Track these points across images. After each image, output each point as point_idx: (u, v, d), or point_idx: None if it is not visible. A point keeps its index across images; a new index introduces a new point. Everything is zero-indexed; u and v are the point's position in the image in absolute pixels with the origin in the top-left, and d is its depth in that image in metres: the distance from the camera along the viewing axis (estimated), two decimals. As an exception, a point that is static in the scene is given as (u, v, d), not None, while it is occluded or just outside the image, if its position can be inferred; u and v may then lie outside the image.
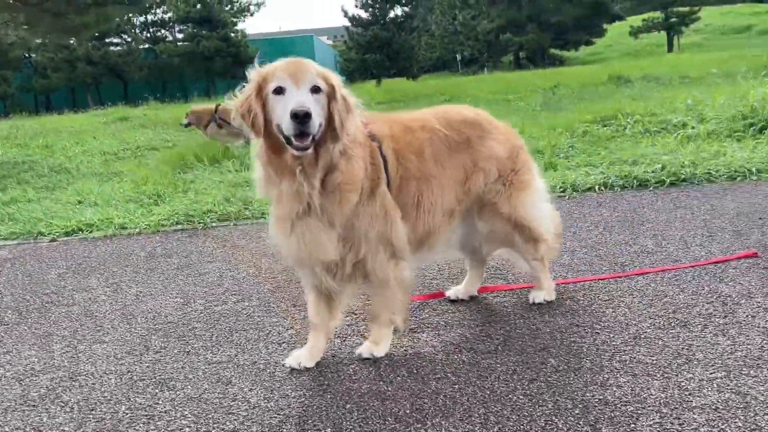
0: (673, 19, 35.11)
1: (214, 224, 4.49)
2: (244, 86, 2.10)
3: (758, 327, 2.16)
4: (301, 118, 1.87)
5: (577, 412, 1.75)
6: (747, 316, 2.26)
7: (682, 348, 2.07)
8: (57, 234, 4.54)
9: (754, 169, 4.34)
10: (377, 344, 2.29)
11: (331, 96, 2.04)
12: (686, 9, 34.12)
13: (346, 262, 2.16)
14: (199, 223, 4.52)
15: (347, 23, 34.00)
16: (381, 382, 2.06)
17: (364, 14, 33.31)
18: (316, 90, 1.99)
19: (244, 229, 4.28)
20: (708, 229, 3.30)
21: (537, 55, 35.45)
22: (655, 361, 1.99)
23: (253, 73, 2.07)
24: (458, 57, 40.90)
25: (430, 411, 1.84)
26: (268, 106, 2.02)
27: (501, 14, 36.09)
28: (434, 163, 2.39)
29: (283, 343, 2.43)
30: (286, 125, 1.92)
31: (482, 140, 2.53)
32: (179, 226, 4.51)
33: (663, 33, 35.36)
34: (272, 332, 2.55)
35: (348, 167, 2.09)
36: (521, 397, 1.87)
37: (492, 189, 2.53)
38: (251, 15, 40.99)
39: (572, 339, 2.23)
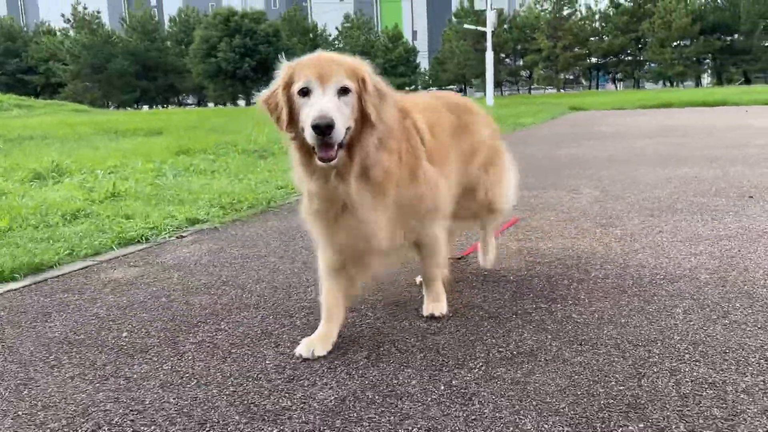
0: None
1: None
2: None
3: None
4: (322, 129, 1.86)
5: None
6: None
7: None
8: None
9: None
10: (438, 301, 2.57)
11: (362, 90, 2.04)
12: None
13: (403, 241, 2.35)
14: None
15: None
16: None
17: None
18: (344, 91, 1.99)
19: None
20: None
21: None
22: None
23: (282, 67, 2.09)
24: None
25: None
26: (294, 105, 2.02)
27: None
28: (448, 144, 2.58)
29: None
30: (309, 135, 1.91)
31: (475, 125, 2.81)
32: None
33: None
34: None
35: (389, 160, 2.16)
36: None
37: (477, 174, 2.84)
38: None
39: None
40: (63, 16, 56.95)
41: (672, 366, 2.06)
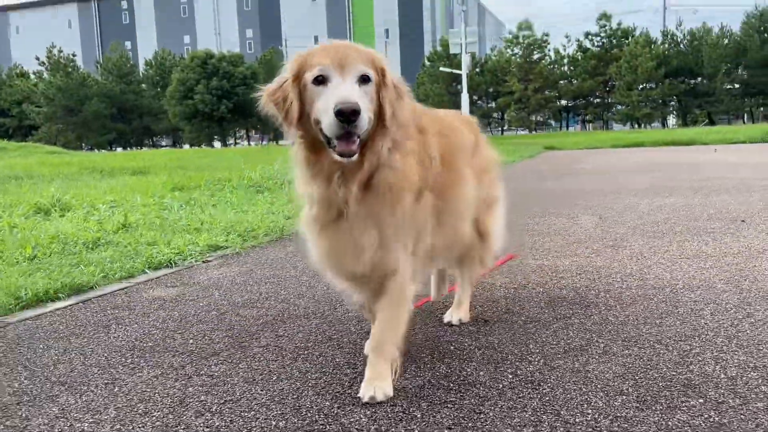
0: None
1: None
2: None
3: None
4: (347, 116, 1.68)
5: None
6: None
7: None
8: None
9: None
10: (380, 380, 2.00)
11: (381, 83, 1.88)
12: None
13: (375, 272, 2.01)
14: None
15: None
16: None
17: None
18: (365, 80, 1.83)
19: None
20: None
21: None
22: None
23: (292, 58, 1.92)
24: None
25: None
26: (307, 96, 1.85)
27: None
28: (465, 165, 2.39)
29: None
30: (329, 123, 1.73)
31: (484, 144, 2.68)
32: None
33: None
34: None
35: (404, 163, 1.96)
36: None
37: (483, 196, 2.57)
38: None
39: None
40: (38, 59, 57.00)
41: (714, 355, 2.26)
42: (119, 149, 57.54)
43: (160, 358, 2.45)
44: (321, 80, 1.81)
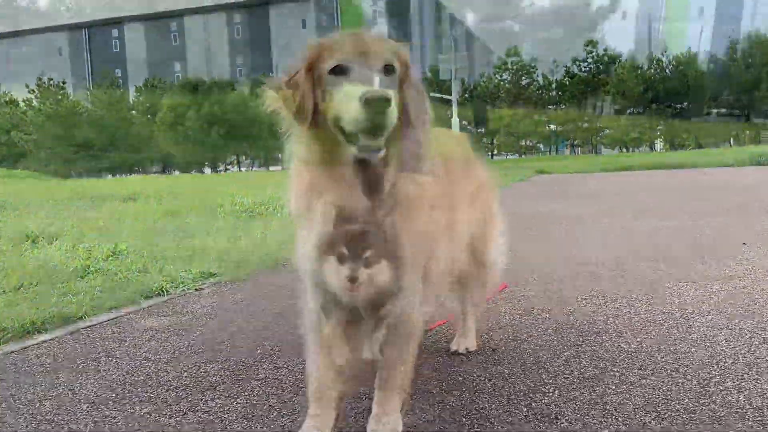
0: None
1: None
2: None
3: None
4: (377, 105, 1.46)
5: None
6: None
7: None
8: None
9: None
10: (385, 416, 1.85)
11: (404, 77, 1.67)
12: None
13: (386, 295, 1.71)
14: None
15: None
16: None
17: None
18: (389, 71, 1.61)
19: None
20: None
21: None
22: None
23: (305, 47, 1.69)
24: None
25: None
26: (323, 89, 1.61)
27: None
28: (462, 184, 2.26)
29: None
30: (353, 116, 1.49)
31: (477, 161, 2.53)
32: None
33: None
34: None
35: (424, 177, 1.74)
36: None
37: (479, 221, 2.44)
38: None
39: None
40: (27, 86, 56.92)
41: (736, 384, 2.16)
42: (109, 176, 57.26)
43: (153, 392, 2.32)
44: (340, 70, 1.58)
